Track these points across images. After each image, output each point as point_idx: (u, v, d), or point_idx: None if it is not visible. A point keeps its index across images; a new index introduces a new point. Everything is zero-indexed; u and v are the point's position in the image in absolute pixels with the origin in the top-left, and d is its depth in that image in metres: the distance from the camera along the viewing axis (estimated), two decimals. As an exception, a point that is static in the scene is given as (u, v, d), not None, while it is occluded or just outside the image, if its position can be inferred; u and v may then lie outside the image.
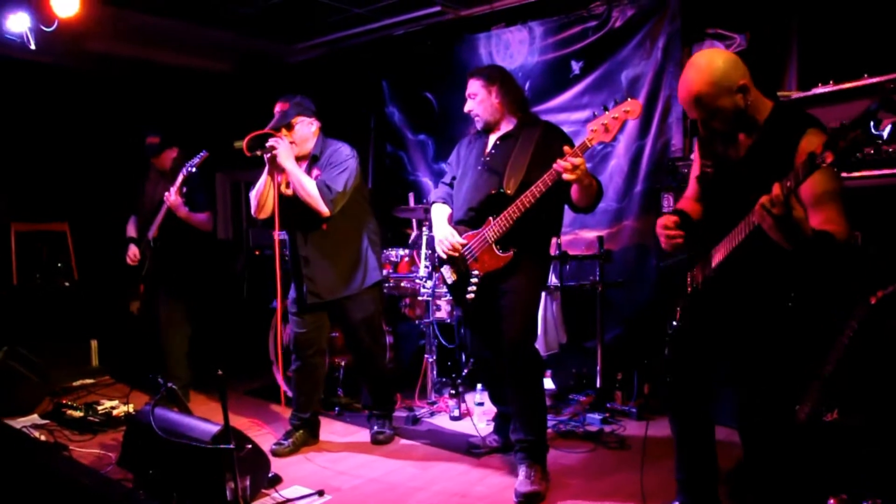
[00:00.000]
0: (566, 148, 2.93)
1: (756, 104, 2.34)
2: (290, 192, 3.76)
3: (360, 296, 3.86)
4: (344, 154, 3.79)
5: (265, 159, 3.69)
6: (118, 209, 5.21)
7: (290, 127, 3.74)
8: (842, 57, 3.74)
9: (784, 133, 2.27)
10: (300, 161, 3.79)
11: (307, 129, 3.80)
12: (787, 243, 2.06)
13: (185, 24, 5.81)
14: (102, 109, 6.49)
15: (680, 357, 2.59)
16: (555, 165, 2.90)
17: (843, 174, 3.12)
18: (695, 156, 2.73)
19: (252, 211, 3.84)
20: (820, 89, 3.34)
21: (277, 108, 3.83)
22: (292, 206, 3.75)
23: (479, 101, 3.37)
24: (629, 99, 2.88)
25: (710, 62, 2.31)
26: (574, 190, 3.05)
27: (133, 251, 4.82)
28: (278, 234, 3.84)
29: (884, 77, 3.10)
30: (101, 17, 5.17)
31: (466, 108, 3.43)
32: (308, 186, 3.62)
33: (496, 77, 3.39)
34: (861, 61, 3.31)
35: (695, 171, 2.70)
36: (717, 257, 2.43)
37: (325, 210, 3.64)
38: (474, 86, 3.39)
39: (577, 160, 2.86)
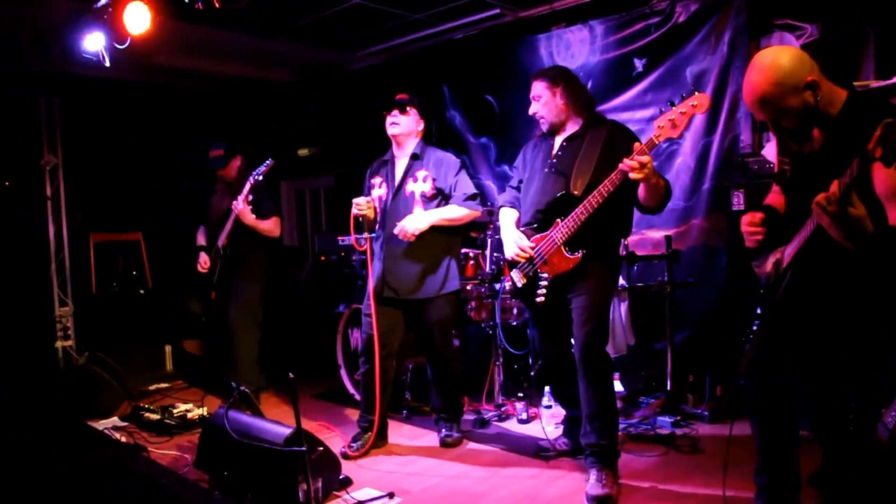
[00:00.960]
0: (635, 145, 2.87)
1: (829, 97, 2.23)
2: (383, 192, 3.96)
3: (438, 299, 3.90)
4: (454, 162, 3.95)
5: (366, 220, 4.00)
6: (188, 219, 5.38)
7: (403, 110, 3.89)
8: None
9: (858, 124, 2.17)
10: (399, 157, 3.98)
11: (414, 121, 3.93)
12: (847, 242, 1.97)
13: (247, 37, 5.95)
14: (171, 121, 6.71)
15: (761, 356, 2.51)
16: (621, 165, 2.86)
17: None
18: (774, 156, 2.66)
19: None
20: (900, 78, 3.21)
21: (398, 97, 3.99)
22: (387, 206, 3.94)
23: (543, 102, 3.35)
24: (696, 93, 2.81)
25: (774, 61, 2.21)
26: (641, 189, 3.00)
27: (203, 258, 4.95)
28: (358, 239, 4.00)
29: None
30: (170, 33, 5.34)
31: (531, 111, 3.40)
32: (456, 214, 3.84)
33: (560, 78, 3.36)
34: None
35: (776, 172, 2.64)
36: (789, 255, 2.36)
37: (477, 213, 3.92)
38: (538, 88, 3.37)
39: (644, 158, 2.81)
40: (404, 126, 3.89)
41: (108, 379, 4.89)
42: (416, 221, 3.76)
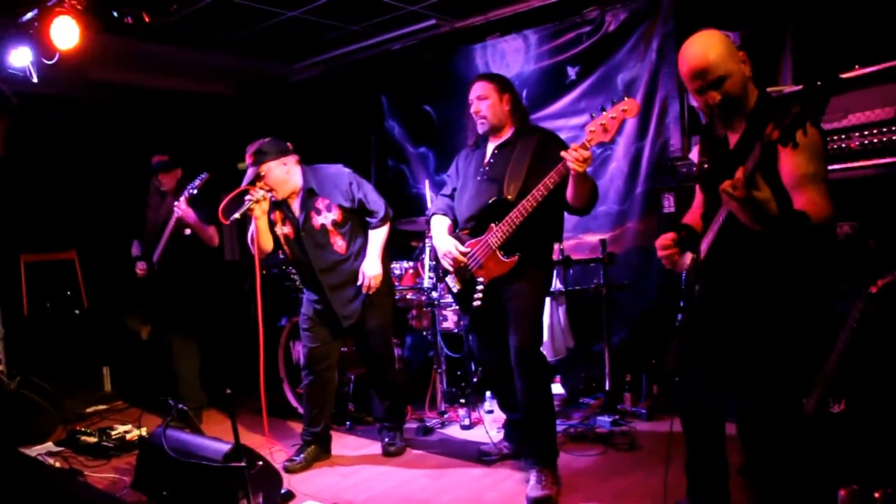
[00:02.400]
0: (573, 145, 2.93)
1: (749, 88, 2.35)
2: (288, 231, 3.85)
3: (375, 302, 3.90)
4: (345, 175, 3.86)
5: (249, 215, 3.70)
6: (123, 235, 5.27)
7: (260, 177, 3.70)
8: (836, 51, 3.76)
9: (766, 122, 2.27)
10: (291, 196, 3.83)
11: (280, 170, 3.74)
12: (755, 225, 2.03)
13: (184, 50, 5.89)
14: (105, 137, 6.56)
15: (686, 354, 2.59)
16: (563, 154, 2.89)
17: (841, 165, 3.15)
18: (696, 157, 2.73)
19: (253, 253, 3.83)
20: (811, 83, 3.34)
21: (247, 158, 3.77)
22: (299, 241, 3.84)
23: (489, 104, 3.38)
24: (626, 98, 2.89)
25: (714, 32, 2.34)
26: (570, 190, 3.06)
27: (141, 265, 4.88)
28: (259, 268, 3.81)
29: (877, 67, 3.10)
30: (102, 47, 5.25)
31: (474, 109, 3.41)
32: (384, 236, 3.88)
33: (508, 85, 3.45)
34: (854, 55, 3.32)
35: (698, 174, 2.69)
36: (704, 247, 2.43)
37: (388, 216, 3.88)
38: (485, 88, 3.40)
39: (586, 153, 2.86)
40: (276, 184, 3.74)
41: (42, 403, 4.73)
42: (373, 269, 3.81)
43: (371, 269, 3.82)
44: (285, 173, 3.76)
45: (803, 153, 2.00)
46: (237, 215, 3.64)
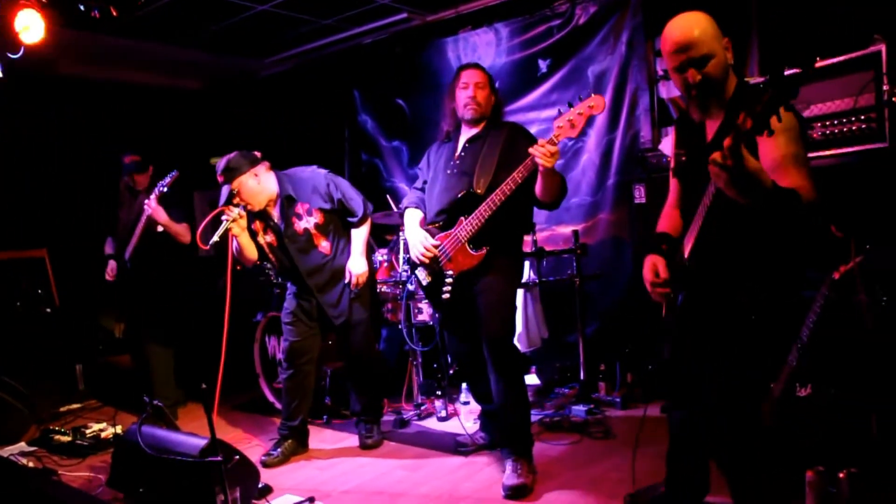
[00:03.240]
0: (540, 140, 2.96)
1: (730, 75, 2.32)
2: (270, 239, 3.87)
3: (359, 298, 3.93)
4: (321, 176, 3.87)
5: (230, 235, 3.72)
6: (95, 233, 5.22)
7: (234, 195, 3.70)
8: (801, 42, 3.83)
9: (744, 107, 2.26)
10: (270, 205, 3.83)
11: (251, 183, 3.72)
12: (747, 198, 1.95)
13: (154, 45, 5.83)
14: (76, 133, 6.48)
15: (673, 347, 2.56)
16: (531, 150, 2.93)
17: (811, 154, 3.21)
18: (670, 150, 2.69)
19: (239, 266, 3.91)
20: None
21: (219, 178, 3.76)
22: (284, 248, 3.85)
23: (486, 93, 3.43)
24: (593, 95, 2.93)
25: (701, 13, 2.30)
26: (539, 184, 3.10)
27: (112, 266, 4.85)
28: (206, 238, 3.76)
29: (837, 59, 3.16)
30: (70, 42, 5.18)
31: (469, 93, 3.39)
32: (366, 234, 3.92)
33: (494, 79, 3.54)
34: (819, 45, 3.38)
35: (673, 166, 2.64)
36: (688, 246, 2.41)
37: (367, 213, 3.92)
38: (483, 77, 3.44)
39: (553, 147, 2.90)
40: (251, 198, 3.74)
41: (12, 402, 4.69)
42: (358, 267, 3.86)
43: (357, 266, 3.86)
44: (258, 184, 3.75)
45: (780, 136, 1.97)
46: (216, 238, 3.66)
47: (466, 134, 3.48)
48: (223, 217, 3.68)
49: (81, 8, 4.12)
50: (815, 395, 2.62)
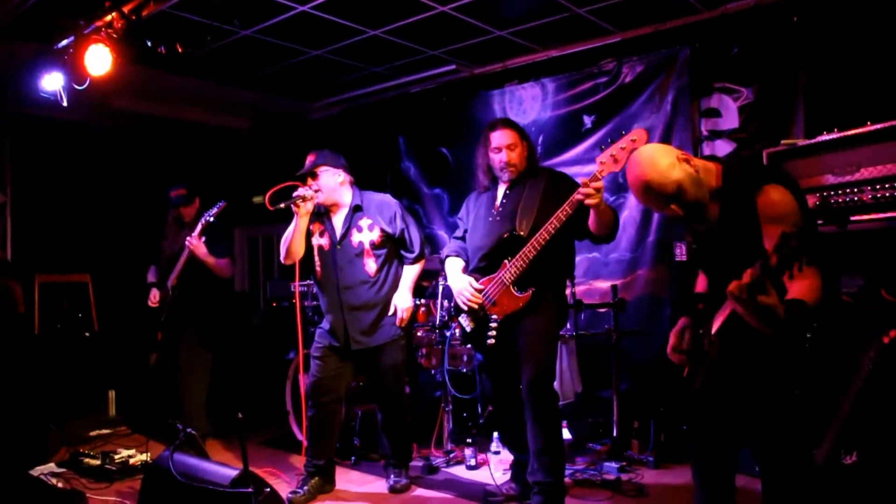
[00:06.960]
0: (581, 180, 3.00)
1: (704, 169, 2.39)
2: (324, 242, 3.90)
3: (394, 343, 3.94)
4: (394, 204, 3.98)
5: (293, 210, 3.76)
6: (138, 262, 5.33)
7: (314, 175, 3.85)
8: (847, 106, 3.85)
9: (740, 194, 2.31)
10: (335, 209, 3.92)
11: (332, 178, 3.87)
12: (763, 329, 2.07)
13: (207, 84, 6.03)
14: (125, 164, 6.69)
15: (701, 404, 2.57)
16: (575, 194, 2.98)
17: (854, 217, 3.20)
18: None
19: (281, 257, 3.92)
20: (824, 137, 3.43)
21: (307, 159, 3.94)
22: (333, 255, 3.89)
23: (519, 152, 3.47)
24: (634, 129, 2.95)
25: (647, 150, 2.44)
26: (592, 218, 3.12)
27: (154, 293, 4.93)
28: (298, 286, 3.92)
29: (885, 124, 3.17)
30: (129, 76, 5.38)
31: (503, 159, 3.44)
32: (416, 273, 3.98)
33: (525, 132, 3.56)
34: (865, 110, 3.41)
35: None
36: (716, 325, 2.45)
37: (423, 255, 3.98)
38: (513, 137, 3.47)
39: (598, 184, 2.94)
40: (325, 188, 3.85)
41: (45, 422, 4.73)
42: (405, 302, 3.91)
43: (403, 301, 3.90)
44: (337, 183, 3.89)
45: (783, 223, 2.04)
46: (283, 205, 3.72)
47: (505, 183, 3.53)
48: (295, 193, 3.75)
49: (149, 44, 4.29)
50: (861, 462, 2.55)
